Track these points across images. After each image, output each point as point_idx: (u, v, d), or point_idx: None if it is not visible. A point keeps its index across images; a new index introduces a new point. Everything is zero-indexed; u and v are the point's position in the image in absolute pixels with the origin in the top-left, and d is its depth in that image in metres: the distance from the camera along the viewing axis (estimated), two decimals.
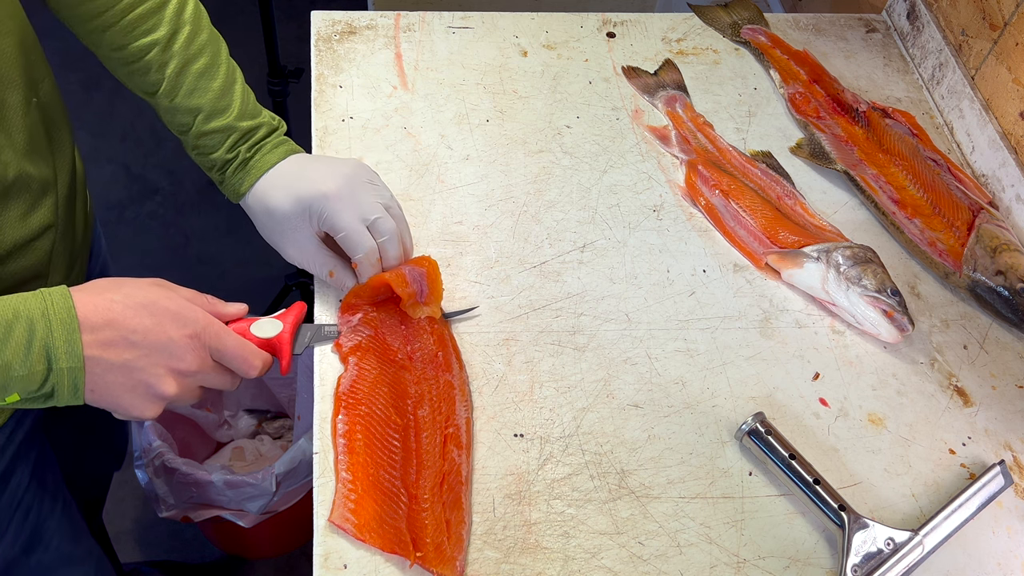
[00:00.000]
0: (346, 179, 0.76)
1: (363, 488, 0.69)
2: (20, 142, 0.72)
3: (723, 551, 0.71)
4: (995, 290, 0.87)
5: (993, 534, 0.74)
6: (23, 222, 0.74)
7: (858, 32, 1.18)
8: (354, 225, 0.75)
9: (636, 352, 0.82)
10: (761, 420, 0.75)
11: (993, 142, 0.99)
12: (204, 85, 0.78)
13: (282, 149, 0.81)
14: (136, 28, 0.76)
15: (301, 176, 0.78)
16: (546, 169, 0.96)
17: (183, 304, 0.67)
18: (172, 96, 0.78)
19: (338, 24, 1.07)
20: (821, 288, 0.86)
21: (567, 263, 0.88)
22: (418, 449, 0.72)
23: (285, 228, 0.78)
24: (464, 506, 0.70)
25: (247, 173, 0.79)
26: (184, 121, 0.79)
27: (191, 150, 0.81)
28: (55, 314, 0.61)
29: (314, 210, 0.76)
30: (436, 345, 0.78)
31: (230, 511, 1.34)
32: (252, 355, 0.70)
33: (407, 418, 0.73)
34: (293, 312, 0.75)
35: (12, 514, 0.83)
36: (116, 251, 2.06)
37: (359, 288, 0.79)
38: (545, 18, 1.12)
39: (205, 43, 0.79)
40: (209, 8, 0.84)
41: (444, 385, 0.75)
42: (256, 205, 0.79)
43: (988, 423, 0.81)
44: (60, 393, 0.62)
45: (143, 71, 0.78)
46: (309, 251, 0.78)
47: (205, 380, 0.69)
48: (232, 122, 0.79)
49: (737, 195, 0.93)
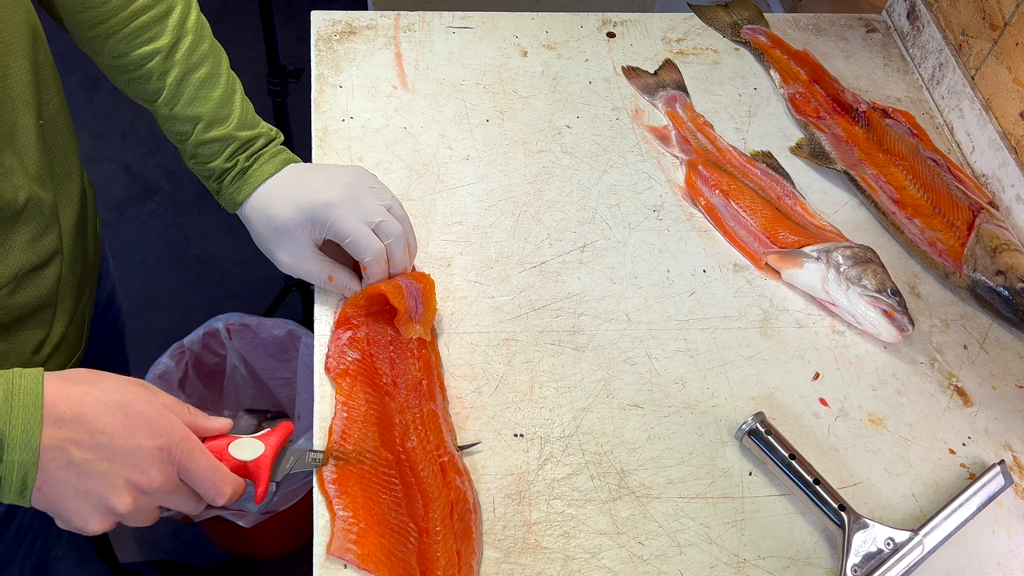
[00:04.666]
0: (346, 186, 0.76)
1: (367, 524, 0.67)
2: (32, 164, 0.71)
3: (723, 551, 0.71)
4: (995, 290, 0.87)
5: (993, 534, 0.74)
6: (32, 247, 0.73)
7: (858, 32, 1.18)
8: (360, 229, 0.75)
9: (636, 352, 0.82)
10: (761, 420, 0.75)
11: (993, 142, 0.99)
12: (205, 94, 0.78)
13: (280, 159, 0.80)
14: (139, 36, 0.76)
15: (301, 185, 0.77)
16: (546, 169, 0.96)
17: (160, 411, 0.62)
18: (172, 104, 0.78)
19: (338, 24, 1.07)
20: (821, 288, 0.86)
21: (567, 263, 0.88)
22: (419, 483, 0.70)
23: (283, 236, 0.77)
24: (474, 536, 0.68)
25: (245, 182, 0.79)
26: (183, 130, 0.78)
27: (189, 159, 0.81)
28: (19, 399, 0.56)
29: (317, 219, 0.75)
30: (421, 372, 0.76)
31: (230, 511, 1.34)
32: (223, 481, 0.64)
33: (397, 452, 0.72)
34: (278, 434, 0.69)
35: (19, 544, 0.82)
36: (116, 251, 2.06)
37: (355, 298, 0.78)
38: (545, 18, 1.12)
39: (207, 53, 0.79)
40: (209, 8, 0.84)
41: (428, 415, 0.74)
42: (254, 214, 0.79)
43: (988, 423, 0.81)
44: (6, 488, 0.56)
45: (144, 79, 0.77)
46: (306, 258, 0.77)
47: (166, 500, 0.63)
48: (232, 132, 0.78)
49: (737, 195, 0.93)
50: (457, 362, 0.80)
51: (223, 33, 0.84)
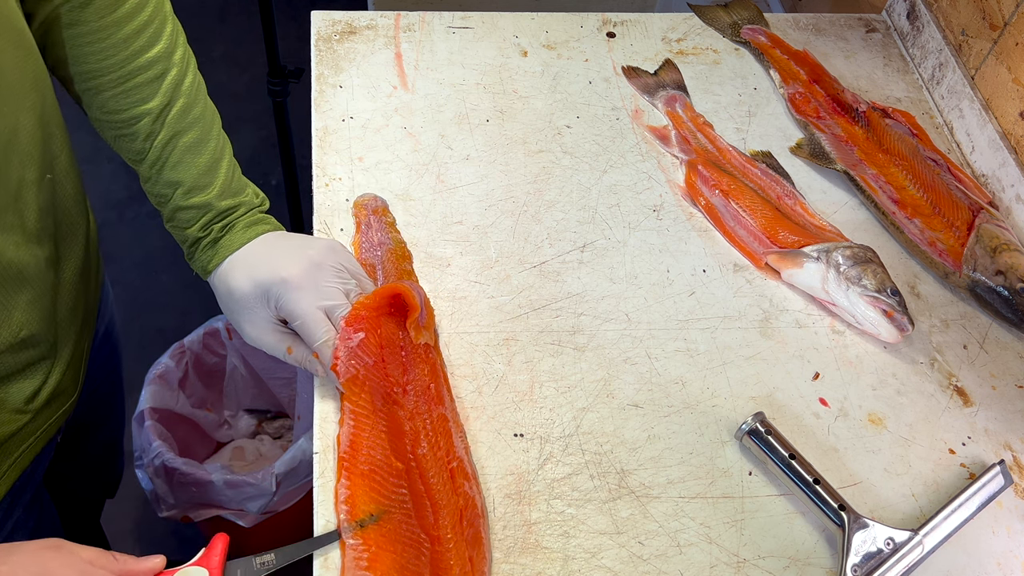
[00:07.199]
0: (309, 263, 0.73)
1: (377, 545, 0.66)
2: (32, 222, 0.69)
3: (723, 551, 0.71)
4: (995, 290, 0.87)
5: (993, 534, 0.74)
6: (32, 307, 0.71)
7: (858, 32, 1.18)
8: (311, 313, 0.72)
9: (636, 352, 0.82)
10: (761, 420, 0.75)
11: (993, 142, 0.99)
12: (190, 160, 0.76)
13: (254, 230, 0.77)
14: (131, 96, 0.73)
15: (264, 259, 0.75)
16: (546, 169, 0.96)
17: (84, 569, 0.59)
18: (156, 167, 0.75)
19: (338, 24, 1.07)
20: (821, 288, 0.86)
21: (567, 263, 0.88)
22: (428, 490, 0.69)
23: (243, 309, 0.75)
24: (484, 542, 0.68)
25: (216, 252, 0.77)
26: (164, 193, 0.76)
27: (167, 222, 0.79)
28: None
29: (271, 295, 0.73)
30: (429, 376, 0.75)
31: (230, 511, 1.34)
32: None
33: (408, 460, 0.71)
34: (216, 551, 0.66)
35: None
36: (116, 251, 2.06)
37: (367, 299, 0.75)
38: (545, 18, 1.12)
39: (198, 117, 0.76)
40: (209, 8, 0.83)
41: (438, 419, 0.73)
42: (219, 284, 0.77)
43: (988, 423, 0.81)
44: None
45: (131, 138, 0.75)
46: (267, 331, 0.75)
47: None
48: (211, 200, 0.76)
49: (737, 195, 0.93)
50: (457, 362, 0.80)
51: (223, 33, 0.84)
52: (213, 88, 0.81)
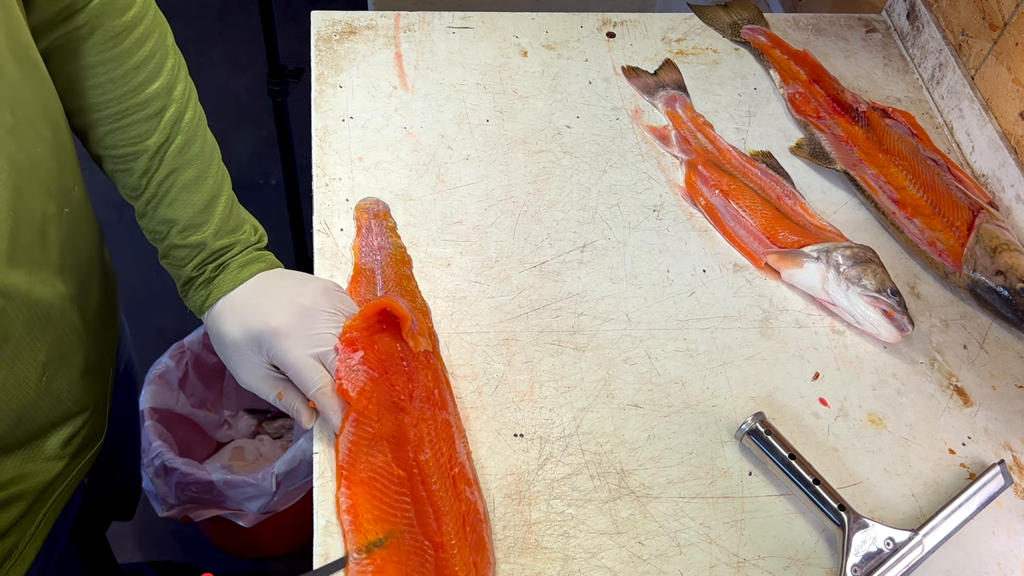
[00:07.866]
0: (299, 311, 0.72)
1: (381, 558, 0.66)
2: (54, 258, 0.68)
3: (723, 551, 0.71)
4: (995, 290, 0.87)
5: (993, 534, 0.74)
6: (55, 347, 0.71)
7: (858, 32, 1.18)
8: (303, 361, 0.71)
9: (636, 352, 0.82)
10: (761, 420, 0.75)
11: (993, 142, 0.99)
12: (186, 198, 0.75)
13: (248, 270, 0.76)
14: (128, 132, 0.72)
15: (254, 306, 0.73)
16: (546, 169, 0.96)
17: None
18: (151, 203, 0.75)
19: (338, 24, 1.07)
20: (821, 288, 0.86)
21: (567, 263, 0.88)
22: (430, 497, 0.69)
23: (235, 354, 0.74)
24: (487, 547, 0.68)
25: (209, 293, 0.76)
26: (159, 230, 0.76)
27: (162, 259, 0.78)
28: None
29: (263, 344, 0.71)
30: (432, 382, 0.75)
31: (230, 511, 1.34)
32: None
33: (410, 467, 0.70)
34: None
35: None
36: (116, 251, 2.06)
37: (355, 320, 0.74)
38: (545, 18, 1.12)
39: (196, 154, 0.75)
40: (209, 8, 0.83)
41: (442, 424, 0.73)
42: (212, 327, 0.76)
43: (988, 423, 0.81)
44: None
45: (128, 173, 0.74)
46: (259, 379, 0.74)
47: None
48: (206, 239, 0.75)
49: (737, 195, 0.93)
50: (457, 362, 0.80)
51: (223, 33, 0.83)
52: (213, 88, 0.80)
